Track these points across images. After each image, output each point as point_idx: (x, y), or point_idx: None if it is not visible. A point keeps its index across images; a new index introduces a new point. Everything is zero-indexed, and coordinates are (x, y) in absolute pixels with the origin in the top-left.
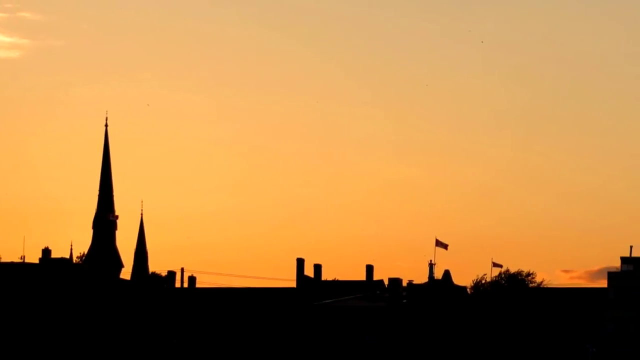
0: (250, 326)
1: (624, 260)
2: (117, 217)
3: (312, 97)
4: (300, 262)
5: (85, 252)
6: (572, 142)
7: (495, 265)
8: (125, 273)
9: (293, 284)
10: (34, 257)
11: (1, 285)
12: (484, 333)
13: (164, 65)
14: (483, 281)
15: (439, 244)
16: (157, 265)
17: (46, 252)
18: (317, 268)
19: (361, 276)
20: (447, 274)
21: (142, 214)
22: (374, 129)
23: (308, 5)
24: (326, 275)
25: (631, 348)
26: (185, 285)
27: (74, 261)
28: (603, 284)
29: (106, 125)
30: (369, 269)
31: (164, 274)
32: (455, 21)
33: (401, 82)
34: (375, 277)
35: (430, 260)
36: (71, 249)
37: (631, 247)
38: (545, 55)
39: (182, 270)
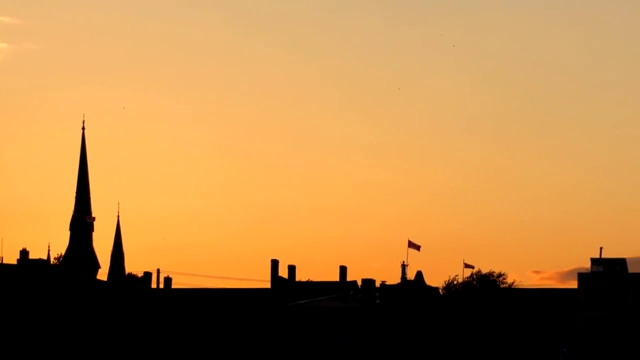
0: (225, 326)
1: (594, 261)
2: (94, 219)
3: (287, 100)
4: (274, 263)
5: (63, 254)
6: (543, 145)
7: (467, 266)
8: (102, 274)
9: (267, 285)
10: (11, 258)
11: None
12: (456, 333)
13: (140, 68)
14: (455, 282)
15: (411, 245)
16: (133, 266)
17: (24, 253)
18: (291, 269)
19: (335, 277)
20: (419, 275)
21: (118, 216)
22: (348, 132)
23: (284, 9)
24: (300, 276)
25: (601, 348)
26: (161, 286)
27: (52, 262)
28: (573, 284)
29: (83, 128)
30: (343, 270)
31: (140, 274)
32: (428, 26)
33: (375, 86)
34: (349, 278)
35: (403, 262)
36: (49, 250)
37: (601, 248)
38: (517, 59)
39: (158, 271)
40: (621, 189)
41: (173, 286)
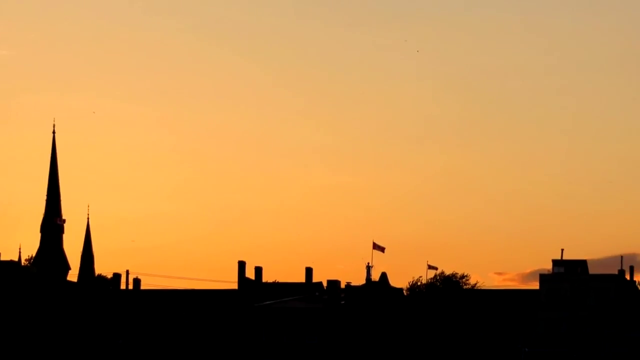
0: (193, 326)
1: (555, 262)
2: (64, 221)
3: (254, 105)
4: (241, 265)
5: (34, 255)
6: (504, 148)
7: (430, 267)
8: (72, 275)
9: (235, 286)
10: None
11: None
12: (420, 333)
13: (109, 75)
14: (419, 283)
15: (376, 247)
16: (102, 267)
17: None
18: (258, 270)
19: (301, 278)
20: (384, 276)
21: (88, 218)
22: (314, 136)
23: (244, 16)
24: (267, 278)
25: (562, 347)
26: (130, 287)
27: (23, 264)
28: (535, 285)
29: (54, 133)
30: (308, 271)
31: (109, 276)
32: (391, 31)
33: (338, 91)
34: (315, 279)
35: (368, 263)
36: (20, 252)
37: (562, 250)
38: (477, 64)
39: (127, 272)
40: (582, 192)
41: (142, 287)
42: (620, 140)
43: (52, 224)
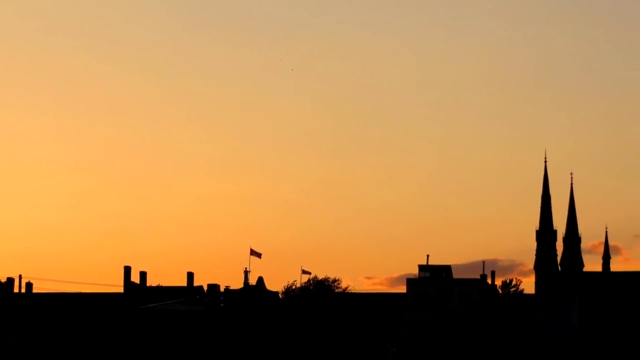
0: (82, 328)
1: (421, 267)
2: None
3: (139, 118)
4: (127, 270)
5: None
6: (374, 160)
7: (304, 272)
8: None
9: (121, 289)
10: None
11: None
12: (294, 334)
13: (4, 90)
14: (293, 287)
15: (253, 253)
16: None
17: None
18: (143, 275)
19: (183, 282)
20: (260, 280)
21: None
22: (195, 148)
23: (133, 34)
24: (151, 282)
25: (428, 347)
26: (23, 290)
27: None
28: (402, 289)
29: None
30: (190, 275)
31: (3, 280)
32: (268, 50)
33: (219, 106)
34: (196, 283)
35: (246, 268)
36: None
37: (428, 255)
38: (349, 82)
39: (20, 276)
40: (446, 201)
41: (34, 291)
42: (484, 153)
43: None
